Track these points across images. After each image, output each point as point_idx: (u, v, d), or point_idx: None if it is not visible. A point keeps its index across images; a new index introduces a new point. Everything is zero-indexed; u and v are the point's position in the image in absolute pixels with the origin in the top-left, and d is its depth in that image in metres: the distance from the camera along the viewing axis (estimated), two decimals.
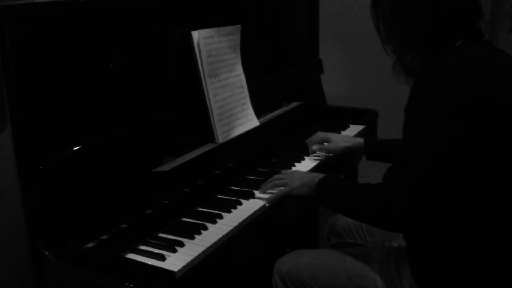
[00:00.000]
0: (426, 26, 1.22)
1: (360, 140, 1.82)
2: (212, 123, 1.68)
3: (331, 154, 1.88)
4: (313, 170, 1.79)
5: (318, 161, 1.85)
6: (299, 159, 1.86)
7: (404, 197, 1.14)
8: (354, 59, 2.84)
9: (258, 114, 1.90)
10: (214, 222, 1.41)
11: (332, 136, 1.88)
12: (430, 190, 1.14)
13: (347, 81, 2.91)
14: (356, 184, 1.38)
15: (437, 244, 1.25)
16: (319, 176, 1.44)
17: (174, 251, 1.27)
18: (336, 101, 2.51)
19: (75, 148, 1.28)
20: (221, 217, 1.44)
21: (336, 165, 1.96)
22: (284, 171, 1.63)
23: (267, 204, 1.52)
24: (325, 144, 1.87)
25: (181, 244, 1.30)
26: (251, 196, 1.57)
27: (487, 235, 1.19)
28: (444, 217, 1.20)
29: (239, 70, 1.82)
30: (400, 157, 1.18)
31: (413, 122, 1.18)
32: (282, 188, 1.53)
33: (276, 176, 1.59)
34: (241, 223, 1.42)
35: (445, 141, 1.12)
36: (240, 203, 1.52)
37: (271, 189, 1.56)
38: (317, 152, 1.90)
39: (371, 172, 2.82)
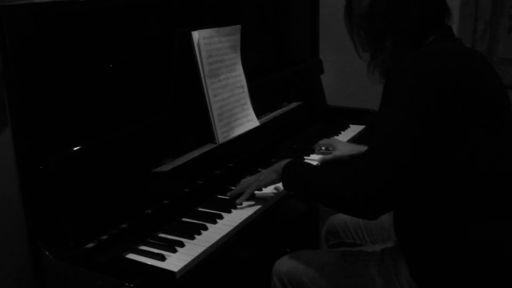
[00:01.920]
0: (395, 26, 1.26)
1: (364, 148, 1.83)
2: (212, 123, 1.68)
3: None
4: None
5: (318, 162, 1.85)
6: (299, 159, 1.86)
7: (380, 184, 1.14)
8: (354, 59, 2.83)
9: (258, 114, 1.90)
10: (214, 222, 1.41)
11: (338, 144, 1.90)
12: (406, 177, 1.15)
13: (347, 81, 2.90)
14: (325, 169, 1.37)
15: (430, 244, 1.25)
16: (286, 161, 1.44)
17: (174, 251, 1.27)
18: (336, 101, 2.51)
19: (75, 148, 1.28)
20: (221, 217, 1.44)
21: (337, 163, 1.95)
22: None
23: (238, 204, 1.50)
24: (331, 152, 1.89)
25: (181, 244, 1.30)
26: (252, 196, 1.57)
27: (473, 227, 1.20)
28: (427, 214, 1.22)
29: (239, 70, 1.82)
30: (372, 143, 1.19)
31: (386, 110, 1.20)
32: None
33: (242, 180, 1.57)
34: (241, 223, 1.42)
35: (417, 128, 1.13)
36: (241, 203, 1.52)
37: (240, 191, 1.54)
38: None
39: None
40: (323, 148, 1.93)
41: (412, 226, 1.29)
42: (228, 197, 1.56)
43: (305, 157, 1.89)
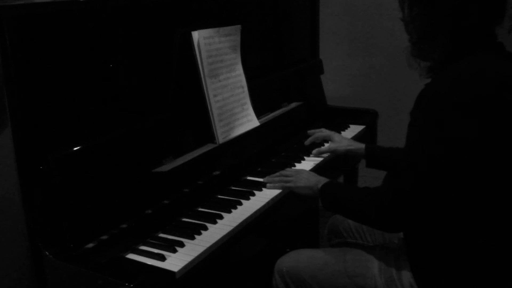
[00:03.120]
0: (451, 24, 1.21)
1: (362, 145, 1.85)
2: (212, 123, 1.68)
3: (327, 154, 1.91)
4: (313, 170, 1.78)
5: (318, 161, 1.85)
6: (299, 159, 1.86)
7: (398, 203, 1.20)
8: (354, 59, 2.84)
9: (258, 114, 1.90)
10: (214, 222, 1.41)
11: (335, 136, 1.91)
12: (422, 196, 1.19)
13: (347, 81, 2.90)
14: (357, 189, 1.41)
15: (435, 245, 1.25)
16: (323, 180, 1.51)
17: (174, 251, 1.27)
18: (336, 101, 2.51)
19: (75, 148, 1.28)
20: (221, 217, 1.44)
21: (336, 165, 1.96)
22: (288, 169, 1.69)
23: (269, 190, 1.61)
24: (328, 144, 1.91)
25: (181, 244, 1.30)
26: (251, 196, 1.57)
27: (482, 236, 1.20)
28: (437, 220, 1.23)
29: (239, 70, 1.82)
30: (400, 163, 1.23)
31: (414, 131, 1.21)
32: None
33: (283, 172, 1.66)
34: (241, 223, 1.42)
35: (440, 154, 1.15)
36: (240, 203, 1.52)
37: (278, 181, 1.63)
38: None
39: (371, 173, 2.82)
40: (315, 152, 1.90)
41: (419, 233, 1.29)
42: (227, 197, 1.57)
43: (305, 157, 1.88)
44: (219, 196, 1.59)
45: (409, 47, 1.30)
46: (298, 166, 1.81)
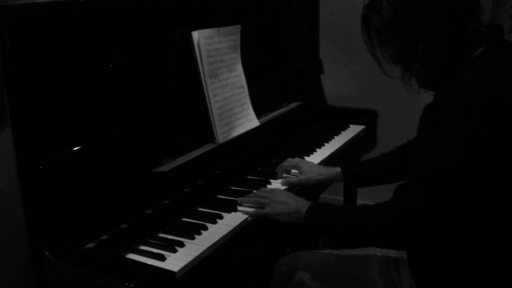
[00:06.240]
0: (424, 26, 1.15)
1: (335, 170, 1.68)
2: (212, 123, 1.68)
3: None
4: None
5: (319, 161, 1.85)
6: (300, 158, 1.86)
7: (410, 221, 1.13)
8: (354, 59, 2.84)
9: (258, 114, 1.90)
10: (214, 222, 1.41)
11: (303, 165, 1.69)
12: (436, 213, 1.11)
13: (347, 81, 2.90)
14: (352, 207, 1.36)
15: (437, 254, 1.23)
16: (304, 204, 1.39)
17: (174, 251, 1.27)
18: (336, 101, 2.51)
19: (75, 148, 1.28)
20: (221, 217, 1.44)
21: (337, 164, 1.95)
22: (264, 189, 1.55)
23: (249, 218, 1.45)
24: (298, 175, 1.69)
25: (181, 244, 1.30)
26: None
27: (488, 244, 1.17)
28: (444, 233, 1.17)
29: (239, 70, 1.82)
30: (413, 174, 1.15)
31: (430, 141, 1.12)
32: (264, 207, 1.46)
33: (257, 193, 1.51)
34: (241, 223, 1.42)
35: (460, 165, 1.07)
36: (241, 203, 1.52)
37: (252, 204, 1.49)
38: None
39: None
40: (285, 174, 1.73)
41: (422, 246, 1.27)
42: (227, 197, 1.56)
43: (305, 157, 1.88)
44: (219, 196, 1.59)
45: (402, 76, 1.24)
46: None
